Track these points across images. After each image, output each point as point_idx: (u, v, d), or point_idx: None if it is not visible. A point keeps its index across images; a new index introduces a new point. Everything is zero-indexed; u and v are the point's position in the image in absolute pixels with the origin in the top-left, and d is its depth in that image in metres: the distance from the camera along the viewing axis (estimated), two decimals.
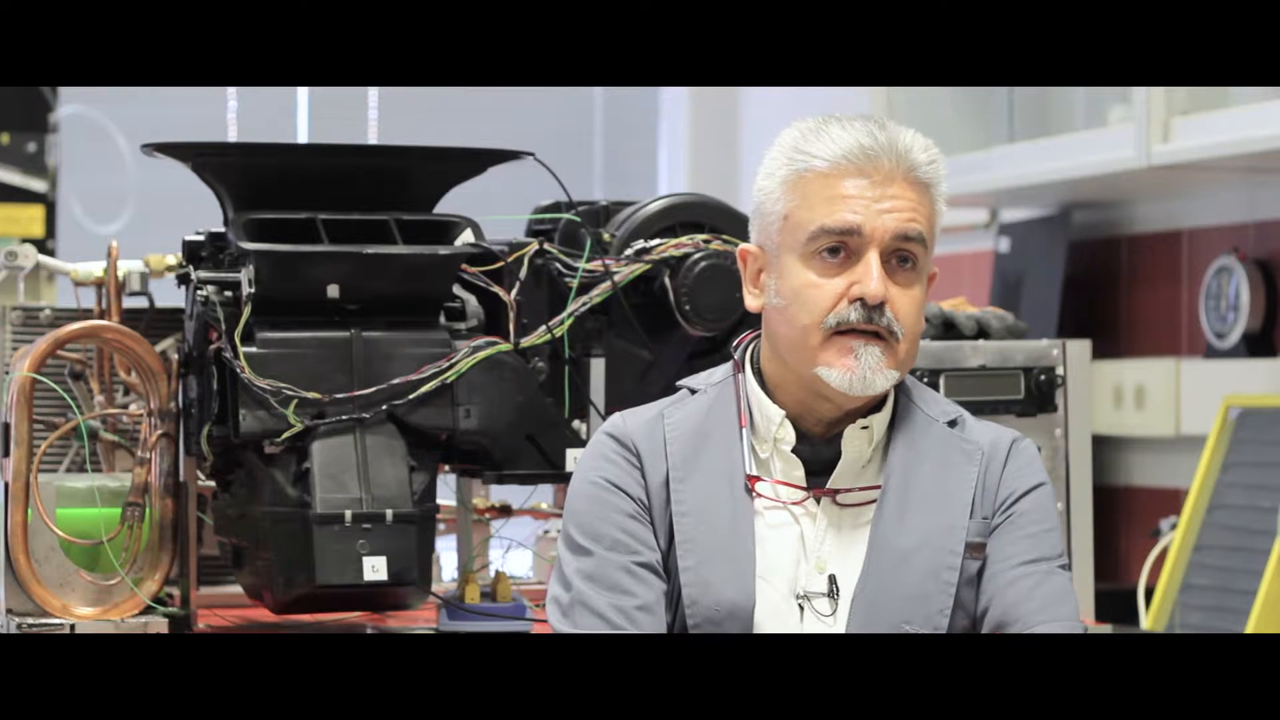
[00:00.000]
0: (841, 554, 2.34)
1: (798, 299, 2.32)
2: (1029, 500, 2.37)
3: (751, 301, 2.40)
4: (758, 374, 2.40)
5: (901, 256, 2.32)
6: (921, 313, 2.35)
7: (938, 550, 2.32)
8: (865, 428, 2.36)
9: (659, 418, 2.39)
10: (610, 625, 2.29)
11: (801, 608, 2.32)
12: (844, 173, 2.31)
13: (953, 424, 2.39)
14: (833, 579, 2.33)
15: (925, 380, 3.07)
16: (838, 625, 2.31)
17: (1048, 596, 2.32)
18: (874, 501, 2.34)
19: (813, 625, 2.32)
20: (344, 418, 2.85)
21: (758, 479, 2.35)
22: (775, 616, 2.31)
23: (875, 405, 2.37)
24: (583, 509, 2.37)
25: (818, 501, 2.35)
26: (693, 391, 2.42)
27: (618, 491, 2.35)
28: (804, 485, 2.35)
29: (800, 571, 2.33)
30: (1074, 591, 2.36)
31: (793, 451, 2.35)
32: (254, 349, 2.84)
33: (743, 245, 2.42)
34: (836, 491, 2.35)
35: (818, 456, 2.36)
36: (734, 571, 2.31)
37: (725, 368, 2.43)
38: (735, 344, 2.45)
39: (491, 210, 3.11)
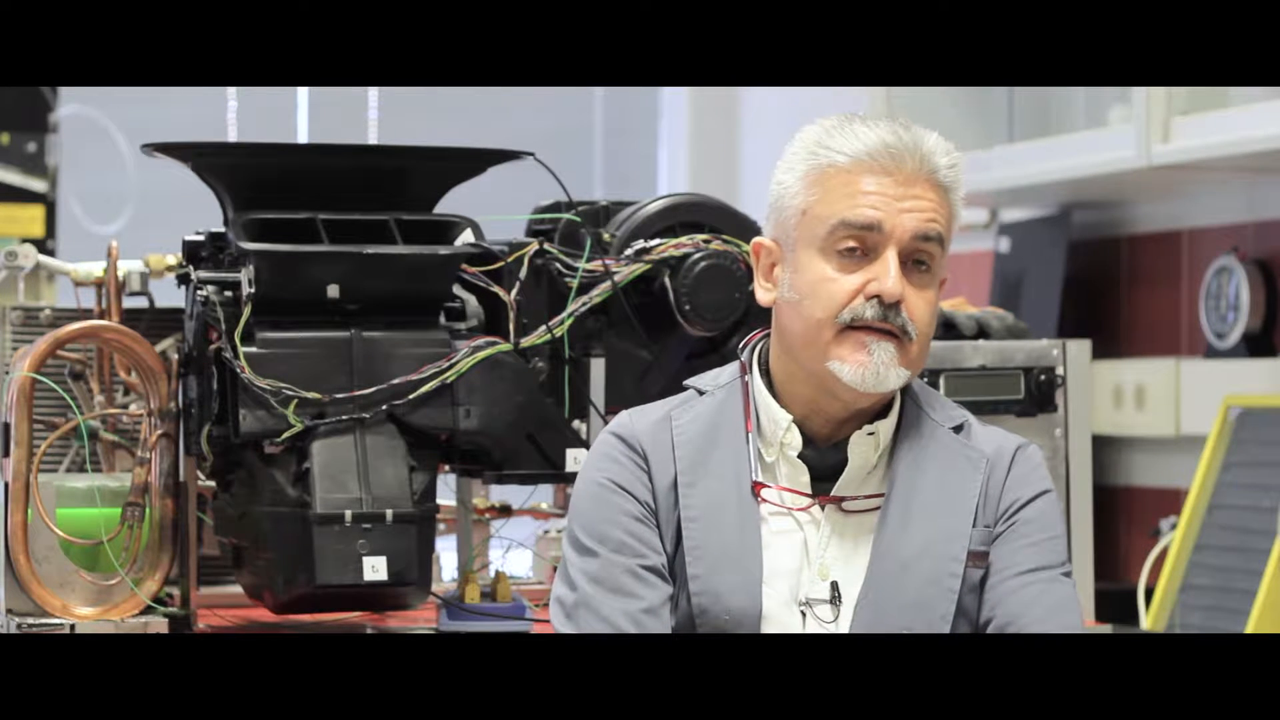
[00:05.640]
0: (844, 561, 2.33)
1: (813, 293, 2.31)
2: (1032, 508, 2.36)
3: (763, 295, 2.39)
4: (765, 375, 2.39)
5: (917, 259, 2.31)
6: (934, 316, 2.34)
7: (940, 557, 2.31)
8: (872, 434, 2.35)
9: (666, 419, 2.38)
10: (614, 628, 2.29)
11: (804, 614, 2.32)
12: (866, 169, 2.30)
13: (958, 429, 2.38)
14: (835, 585, 2.32)
15: (925, 380, 3.06)
16: (840, 631, 2.31)
17: (1051, 605, 2.31)
18: (878, 509, 2.34)
19: (814, 631, 2.31)
20: (344, 418, 2.85)
21: (763, 485, 2.34)
22: (778, 622, 2.31)
23: (882, 410, 2.37)
24: (588, 510, 2.36)
25: (822, 508, 2.34)
26: (700, 393, 2.41)
27: (624, 493, 2.35)
28: (809, 492, 2.34)
29: (803, 578, 2.32)
30: (1078, 599, 2.36)
31: (799, 457, 2.35)
32: (254, 349, 2.84)
33: (756, 239, 2.41)
34: (841, 499, 2.34)
35: (823, 462, 2.35)
36: (742, 581, 2.31)
37: (732, 368, 2.42)
38: (742, 344, 2.44)
39: (491, 210, 3.11)
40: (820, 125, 2.35)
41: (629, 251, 3.04)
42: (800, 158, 2.34)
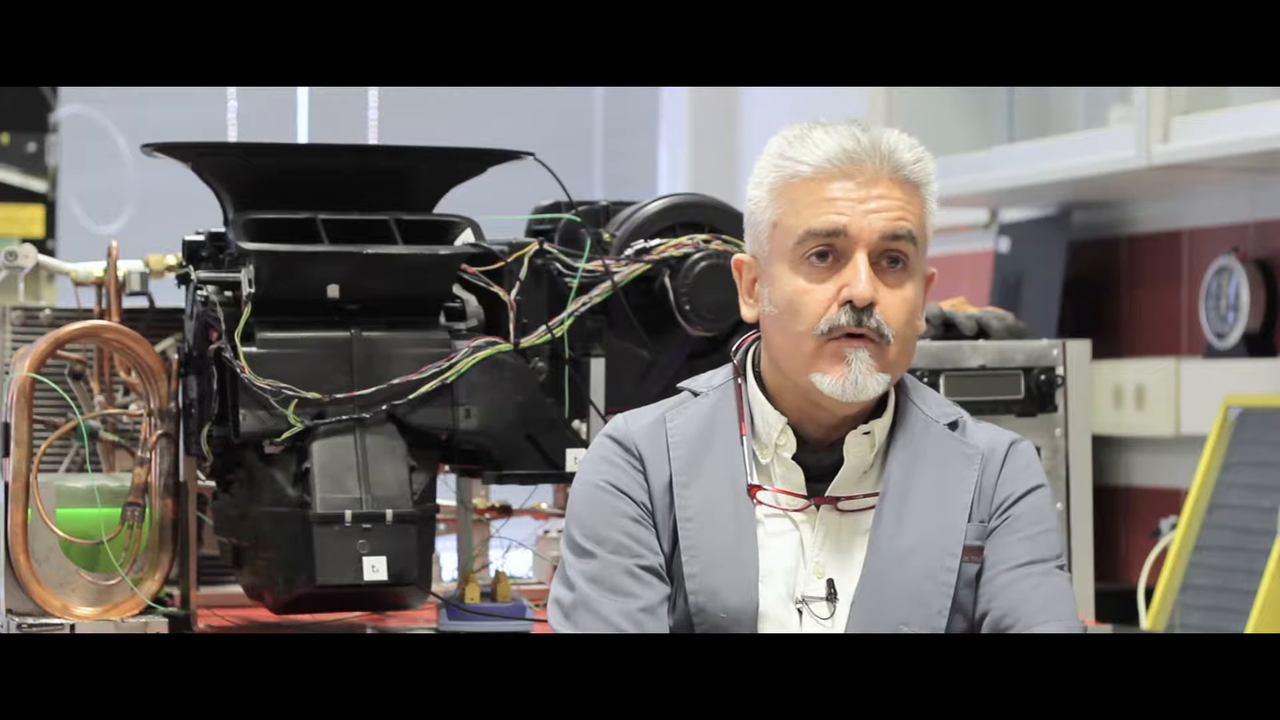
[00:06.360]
0: (840, 559, 2.33)
1: (790, 306, 2.31)
2: (1026, 503, 2.36)
3: (747, 312, 2.40)
4: (759, 378, 2.39)
5: (891, 257, 2.31)
6: (914, 313, 2.33)
7: (935, 552, 2.32)
8: (867, 433, 2.35)
9: (661, 421, 2.38)
10: (613, 628, 2.29)
11: (800, 612, 2.32)
12: (829, 176, 2.31)
13: (953, 426, 2.38)
14: (831, 583, 2.32)
15: (925, 380, 3.07)
16: (836, 628, 2.31)
17: (1046, 597, 2.32)
18: (873, 507, 2.34)
19: (811, 628, 2.32)
20: (344, 418, 2.85)
21: (759, 488, 2.35)
22: (774, 620, 2.31)
23: (876, 409, 2.37)
24: (585, 511, 2.36)
25: (817, 508, 2.35)
26: (695, 394, 2.42)
27: (620, 495, 2.35)
28: (804, 493, 2.35)
29: (799, 576, 2.33)
30: (1073, 591, 2.36)
31: (794, 458, 2.35)
32: (254, 349, 2.84)
33: (737, 256, 2.42)
34: (837, 499, 2.34)
35: (819, 462, 2.35)
36: (739, 579, 2.31)
37: (726, 370, 2.43)
38: (735, 347, 2.44)
39: (491, 210, 3.11)
40: (783, 136, 2.36)
41: (629, 251, 3.04)
42: (766, 171, 2.36)
